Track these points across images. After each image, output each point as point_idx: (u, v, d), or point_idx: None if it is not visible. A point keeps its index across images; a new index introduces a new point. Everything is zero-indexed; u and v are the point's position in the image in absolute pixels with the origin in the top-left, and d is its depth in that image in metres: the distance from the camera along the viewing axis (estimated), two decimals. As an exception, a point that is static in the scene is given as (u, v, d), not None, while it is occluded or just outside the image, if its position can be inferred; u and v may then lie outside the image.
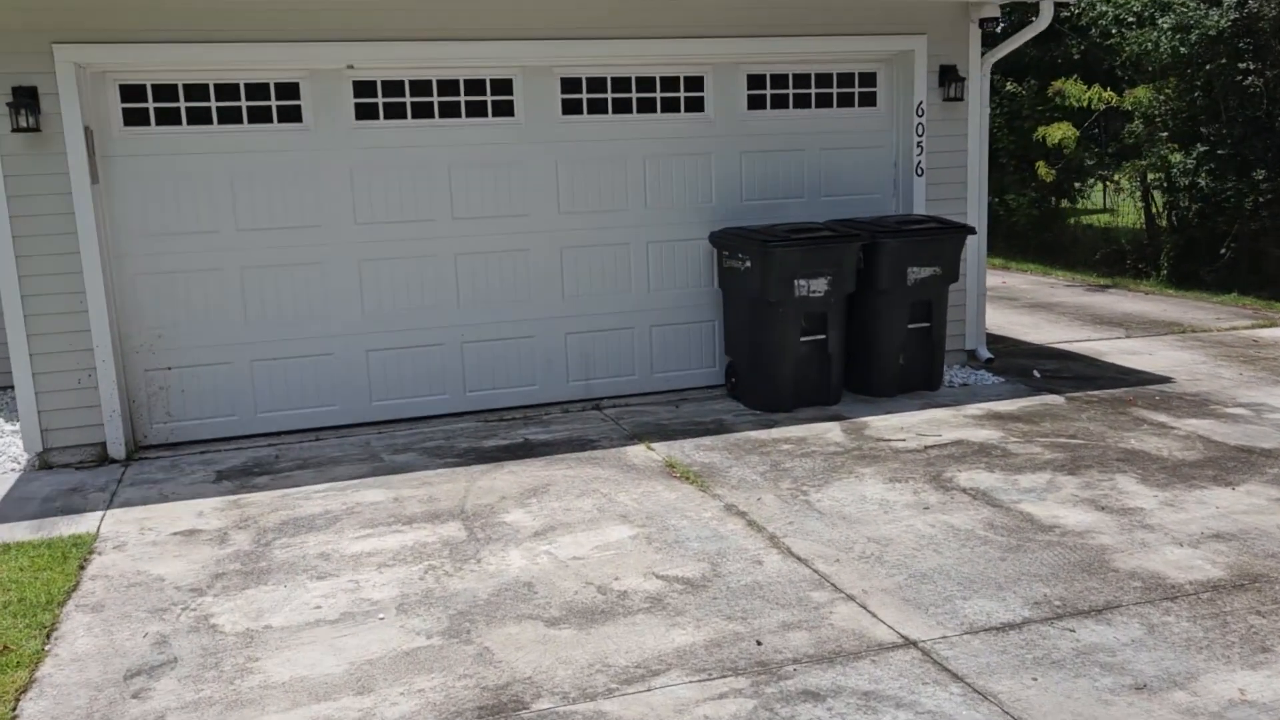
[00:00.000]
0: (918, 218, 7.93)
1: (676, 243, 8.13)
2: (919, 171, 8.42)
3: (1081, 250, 15.78)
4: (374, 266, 7.45)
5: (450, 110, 7.47)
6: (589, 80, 7.73)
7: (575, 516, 5.64)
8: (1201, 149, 12.62)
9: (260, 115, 7.09)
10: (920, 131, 8.36)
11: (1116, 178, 14.67)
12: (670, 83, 7.94)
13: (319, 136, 7.19)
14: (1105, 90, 13.29)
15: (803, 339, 7.51)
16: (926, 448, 6.65)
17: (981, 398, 7.84)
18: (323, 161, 7.22)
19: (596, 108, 7.79)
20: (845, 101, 8.42)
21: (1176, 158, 12.92)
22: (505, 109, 7.60)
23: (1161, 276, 13.50)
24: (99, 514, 5.91)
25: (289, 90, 7.13)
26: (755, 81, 8.15)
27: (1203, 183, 12.63)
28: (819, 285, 7.44)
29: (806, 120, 8.30)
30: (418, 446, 7.03)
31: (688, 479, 6.18)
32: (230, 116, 7.04)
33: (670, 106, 7.98)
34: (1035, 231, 16.41)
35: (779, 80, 8.23)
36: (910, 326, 7.83)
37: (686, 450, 6.74)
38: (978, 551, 5.05)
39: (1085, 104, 13.44)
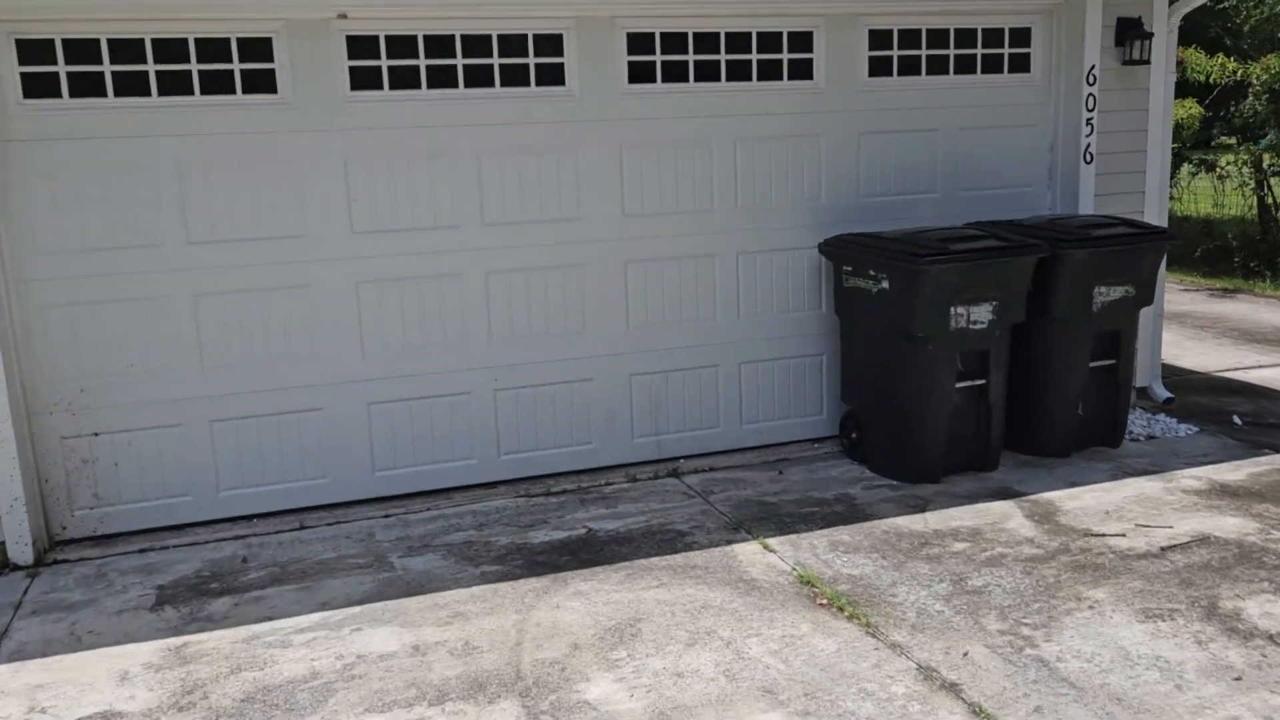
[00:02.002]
0: (1100, 219, 5.98)
1: (775, 253, 6.17)
2: (1087, 158, 6.46)
3: (1178, 246, 13.86)
4: (377, 290, 5.49)
5: (479, 77, 5.50)
6: (664, 38, 5.76)
7: (693, 690, 3.70)
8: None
9: (218, 83, 5.11)
10: (1091, 105, 6.40)
11: (1226, 162, 12.70)
12: (770, 41, 5.97)
13: (300, 113, 5.22)
14: (1229, 60, 11.31)
15: (958, 385, 5.57)
16: (1164, 549, 4.71)
17: (1185, 458, 5.91)
18: (306, 147, 5.26)
19: (673, 74, 5.82)
20: (991, 66, 6.46)
21: None
22: (553, 75, 5.62)
23: None
24: (-26, 675, 3.96)
25: (258, 49, 5.15)
26: (879, 40, 6.18)
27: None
28: (981, 313, 5.49)
29: (942, 91, 6.33)
30: (440, 542, 5.08)
31: (842, 609, 4.24)
32: (176, 85, 5.06)
33: (769, 72, 6.01)
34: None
35: (909, 38, 6.26)
36: (1092, 365, 5.90)
37: (820, 551, 4.80)
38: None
39: (1205, 77, 11.46)
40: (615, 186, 5.79)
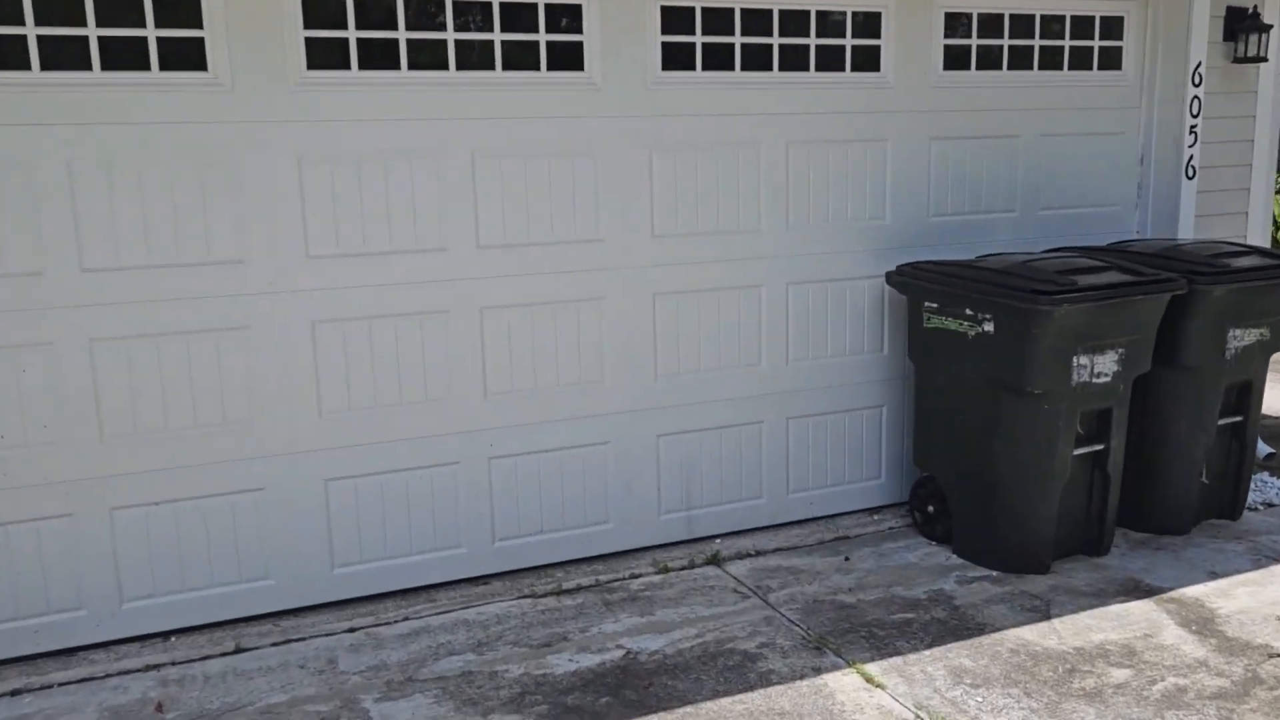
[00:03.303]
0: (1228, 247, 4.93)
1: (831, 284, 5.02)
2: (1189, 172, 5.45)
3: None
4: (339, 332, 4.19)
5: (475, 56, 4.25)
6: (705, 13, 4.59)
7: None
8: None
9: (127, 54, 3.78)
10: (1196, 110, 5.39)
11: None
12: (830, 24, 4.84)
13: (239, 100, 3.91)
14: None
15: (1075, 451, 4.49)
16: (1384, 678, 3.66)
17: (1325, 535, 4.91)
18: (247, 144, 3.94)
19: (715, 60, 4.65)
20: (1080, 61, 5.42)
21: None
22: (568, 57, 4.40)
23: None
24: None
25: (179, 9, 3.83)
26: (955, 25, 5.10)
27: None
28: (1106, 364, 4.41)
29: (1024, 89, 5.26)
30: (429, 673, 3.80)
31: (1010, 789, 3.09)
32: (69, 55, 3.72)
33: (829, 62, 4.87)
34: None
35: (989, 25, 5.18)
36: (1220, 421, 4.86)
37: (942, 685, 3.64)
38: None
39: None
40: (644, 199, 4.58)
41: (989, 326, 4.38)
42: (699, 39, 4.57)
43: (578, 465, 4.67)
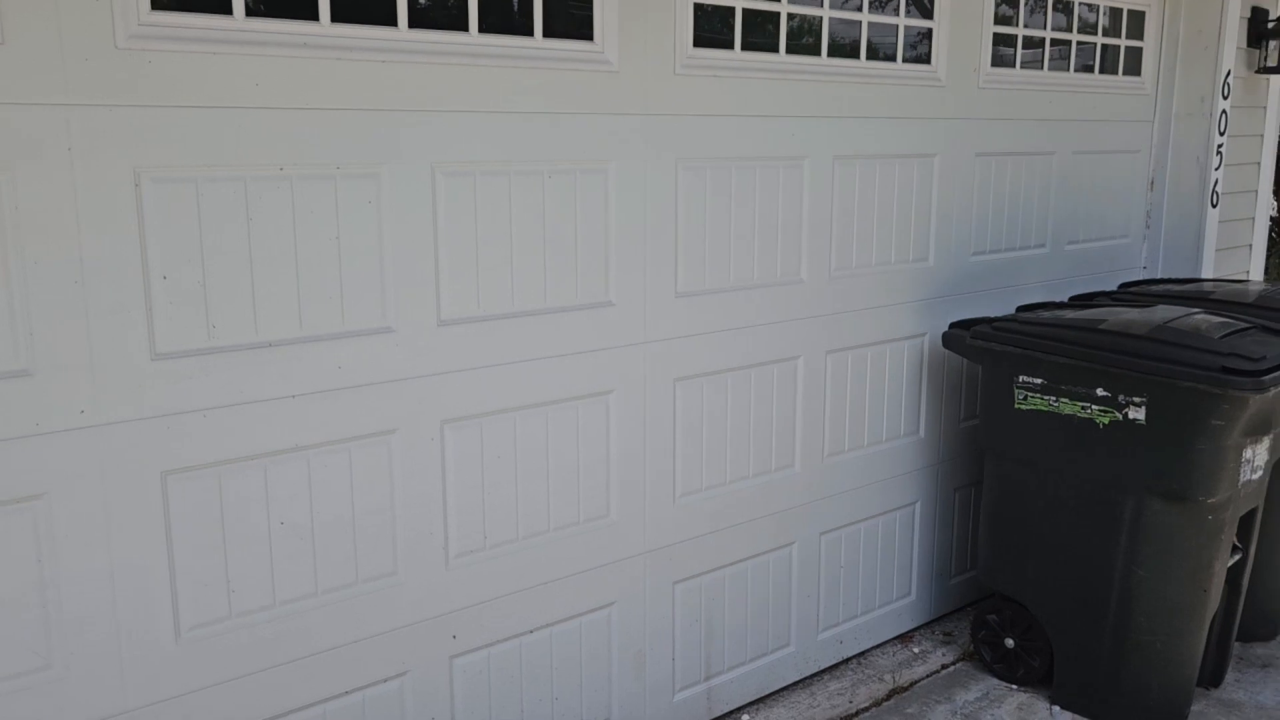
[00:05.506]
0: (1309, 292, 4.13)
1: (872, 349, 3.72)
2: (1213, 199, 4.65)
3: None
4: (202, 486, 2.34)
5: (449, 14, 2.54)
6: (744, -34, 3.12)
7: None
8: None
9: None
10: (1223, 127, 4.59)
11: None
12: (882, -6, 3.53)
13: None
14: None
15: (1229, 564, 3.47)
16: None
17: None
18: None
19: (755, 37, 3.19)
20: (1109, 64, 4.46)
21: None
22: (578, 29, 2.79)
23: None
24: None
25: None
26: (1000, 11, 3.94)
27: None
28: (1261, 455, 3.42)
29: (1061, 94, 4.21)
30: None
31: None
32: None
33: (880, 47, 3.55)
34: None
35: (1032, 12, 4.08)
36: (1314, 506, 4.06)
37: None
38: None
39: None
40: (664, 241, 3.05)
41: (1137, 414, 3.25)
42: (739, 14, 3.10)
43: (572, 645, 3.06)
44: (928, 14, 3.65)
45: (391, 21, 2.45)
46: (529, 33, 2.68)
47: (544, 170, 2.76)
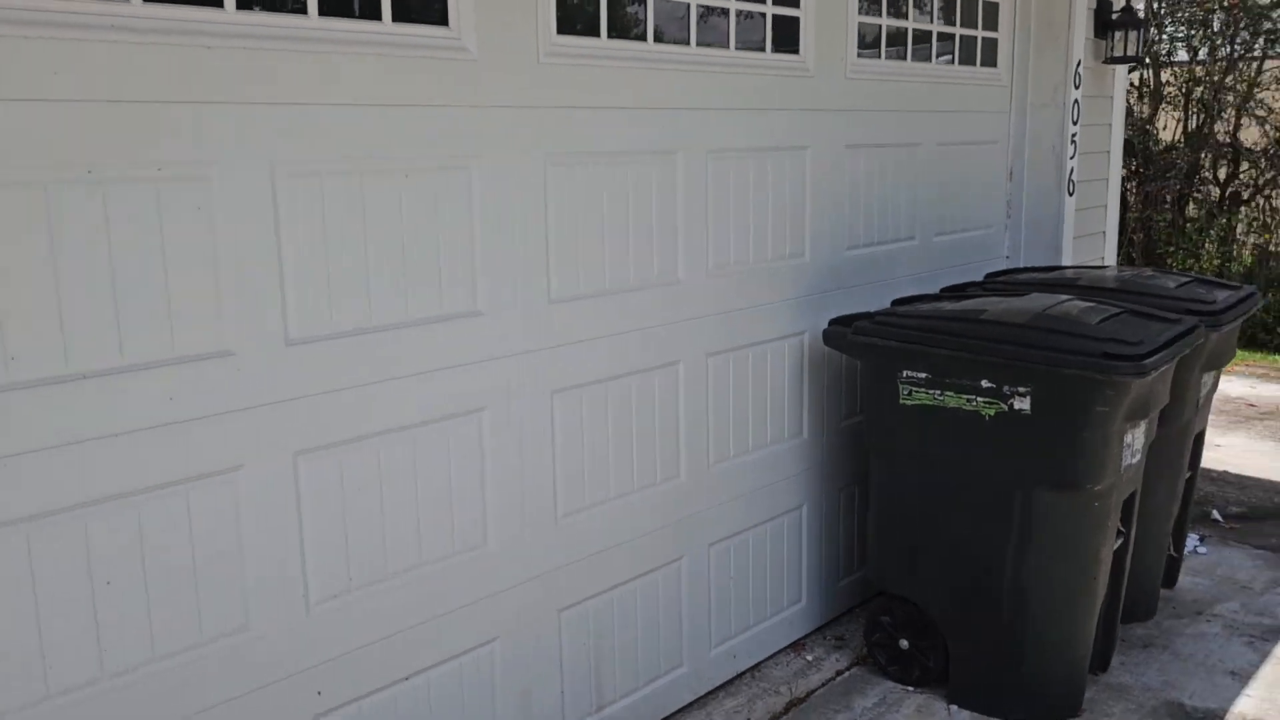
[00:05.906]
0: (1181, 278, 4.15)
1: (752, 349, 3.58)
2: (1070, 188, 4.72)
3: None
4: (8, 545, 2.00)
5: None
6: (606, -52, 2.92)
7: None
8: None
9: None
10: (1076, 115, 4.66)
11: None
12: (747, -21, 3.38)
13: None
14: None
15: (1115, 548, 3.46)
16: None
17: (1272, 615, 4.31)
18: None
19: (622, 24, 3.00)
20: (967, 54, 4.45)
21: None
22: (432, 14, 2.53)
23: None
24: None
25: None
26: (865, 6, 3.87)
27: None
28: (1138, 439, 3.42)
29: (923, 85, 4.17)
30: None
31: None
32: None
33: (748, 36, 3.41)
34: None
35: (894, 3, 4.02)
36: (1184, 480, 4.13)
37: None
38: None
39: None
40: (534, 241, 2.82)
41: (1024, 403, 3.20)
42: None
43: (453, 689, 2.79)
44: (794, 2, 3.53)
45: (217, 2, 2.15)
46: (376, 16, 2.41)
47: (400, 169, 2.49)
